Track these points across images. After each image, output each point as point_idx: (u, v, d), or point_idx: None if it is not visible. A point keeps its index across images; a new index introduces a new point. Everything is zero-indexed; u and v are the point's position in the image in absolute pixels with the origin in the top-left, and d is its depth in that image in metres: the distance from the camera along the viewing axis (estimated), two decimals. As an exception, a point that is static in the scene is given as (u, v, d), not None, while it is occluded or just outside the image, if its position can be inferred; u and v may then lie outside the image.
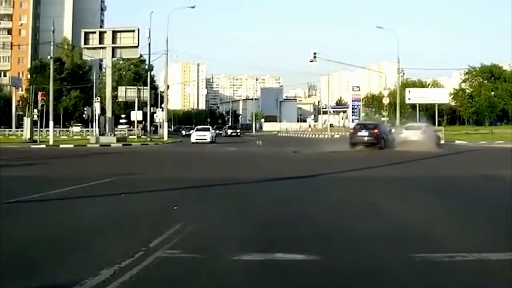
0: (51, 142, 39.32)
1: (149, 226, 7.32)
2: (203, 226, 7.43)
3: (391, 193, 11.42)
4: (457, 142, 43.71)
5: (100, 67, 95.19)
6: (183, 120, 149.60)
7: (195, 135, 44.66)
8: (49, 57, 43.04)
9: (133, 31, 42.29)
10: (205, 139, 43.24)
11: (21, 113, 72.07)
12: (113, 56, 42.80)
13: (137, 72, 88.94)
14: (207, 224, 7.65)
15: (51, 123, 40.56)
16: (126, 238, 6.57)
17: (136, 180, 14.17)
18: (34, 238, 6.60)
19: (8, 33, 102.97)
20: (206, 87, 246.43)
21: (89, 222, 7.81)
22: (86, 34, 42.88)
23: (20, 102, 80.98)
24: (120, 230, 7.21)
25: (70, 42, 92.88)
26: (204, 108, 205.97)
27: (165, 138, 51.94)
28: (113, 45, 41.65)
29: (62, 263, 5.40)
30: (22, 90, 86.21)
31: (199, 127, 53.28)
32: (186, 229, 7.02)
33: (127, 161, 23.86)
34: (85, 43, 42.96)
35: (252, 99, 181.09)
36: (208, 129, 48.38)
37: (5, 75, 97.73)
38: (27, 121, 44.37)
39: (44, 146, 37.34)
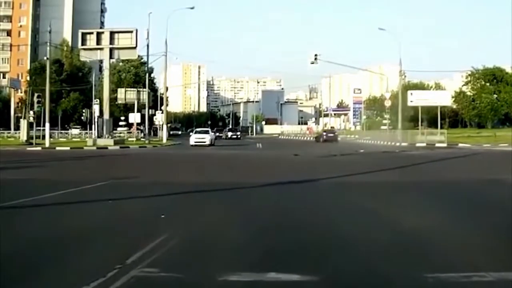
0: (47, 145, 38.63)
1: (130, 238, 6.64)
2: (190, 238, 6.75)
3: (396, 199, 10.74)
4: (460, 145, 43.11)
5: (100, 68, 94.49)
6: (184, 123, 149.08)
7: (194, 138, 43.80)
8: (45, 58, 42.43)
9: (131, 32, 41.56)
10: (204, 142, 42.43)
11: (20, 114, 71.49)
12: (111, 57, 42.07)
13: (137, 74, 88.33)
14: (194, 236, 6.95)
15: (47, 125, 39.87)
16: (102, 253, 5.88)
17: (128, 184, 13.56)
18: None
19: (8, 35, 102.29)
20: (207, 90, 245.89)
21: (66, 233, 7.12)
22: (84, 34, 42.10)
23: (19, 104, 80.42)
24: (97, 243, 6.50)
25: (70, 43, 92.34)
26: (205, 110, 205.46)
27: (164, 140, 51.27)
28: (111, 46, 40.90)
29: (23, 282, 4.73)
30: (21, 92, 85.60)
31: (198, 129, 52.47)
32: (170, 241, 6.34)
33: (123, 164, 23.24)
34: (82, 44, 42.21)
35: (253, 101, 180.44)
36: (207, 132, 47.56)
37: (4, 77, 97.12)
38: (23, 123, 43.74)
39: (40, 148, 36.70)
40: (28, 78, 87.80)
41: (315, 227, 7.65)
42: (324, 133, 60.38)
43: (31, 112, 41.12)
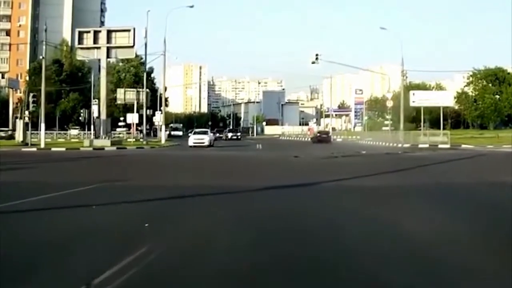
0: (42, 145, 37.99)
1: (105, 251, 5.92)
2: (172, 252, 5.99)
3: (406, 206, 9.94)
4: (463, 146, 42.45)
5: (100, 68, 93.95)
6: (185, 123, 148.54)
7: (192, 139, 43.16)
8: (41, 57, 41.79)
9: (129, 30, 40.82)
10: (203, 143, 41.83)
11: (18, 115, 70.91)
12: (108, 56, 41.32)
13: (137, 74, 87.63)
14: (178, 249, 6.18)
15: (42, 125, 39.20)
16: (68, 269, 5.15)
17: (118, 188, 12.85)
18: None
19: (7, 34, 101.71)
20: (208, 90, 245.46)
21: (33, 244, 6.37)
22: (80, 33, 41.31)
23: (18, 104, 79.80)
24: (68, 257, 5.74)
25: (69, 43, 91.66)
26: (206, 111, 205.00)
27: (163, 141, 50.58)
28: (108, 45, 40.13)
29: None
30: (21, 92, 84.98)
31: (196, 130, 51.87)
32: (149, 256, 5.61)
33: (116, 166, 22.51)
34: (79, 43, 41.44)
35: (254, 102, 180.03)
36: (206, 132, 46.96)
37: (3, 77, 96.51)
38: (19, 124, 43.10)
39: (35, 149, 36.04)
40: (27, 78, 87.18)
41: (315, 239, 6.90)
42: (318, 134, 64.08)
43: (27, 113, 40.49)
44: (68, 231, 7.26)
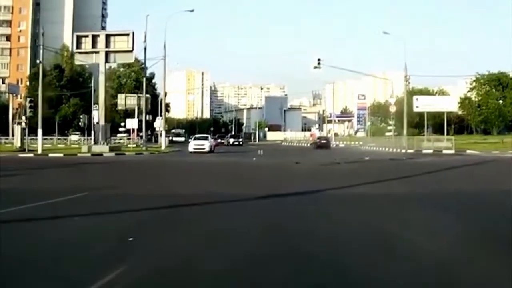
0: (39, 151, 37.31)
1: (78, 271, 5.21)
2: (153, 274, 5.24)
3: (412, 218, 9.23)
4: (468, 151, 41.76)
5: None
6: (187, 129, 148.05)
7: (192, 144, 42.62)
8: (38, 61, 41.14)
9: (127, 34, 40.08)
10: (203, 149, 41.25)
11: (16, 120, 70.36)
12: (106, 61, 40.49)
13: (138, 80, 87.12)
14: (160, 270, 5.43)
15: (39, 131, 38.51)
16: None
17: (108, 196, 12.18)
18: None
19: (7, 40, 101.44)
20: (210, 96, 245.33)
21: (5, 262, 5.65)
22: (79, 38, 40.53)
23: (18, 110, 79.27)
24: (30, 280, 5.02)
25: (70, 48, 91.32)
26: (208, 117, 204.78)
27: (163, 147, 49.90)
28: (107, 50, 39.33)
29: None
30: (21, 98, 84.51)
31: (197, 135, 51.37)
32: (126, 278, 4.90)
33: (111, 173, 21.81)
34: (77, 47, 40.66)
35: (256, 108, 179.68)
36: (206, 138, 46.37)
37: (3, 82, 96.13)
38: (17, 129, 42.44)
39: (32, 155, 35.36)
40: (27, 83, 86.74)
41: (315, 263, 6.17)
42: (318, 140, 65.64)
43: (23, 118, 39.86)
44: (42, 247, 6.54)
